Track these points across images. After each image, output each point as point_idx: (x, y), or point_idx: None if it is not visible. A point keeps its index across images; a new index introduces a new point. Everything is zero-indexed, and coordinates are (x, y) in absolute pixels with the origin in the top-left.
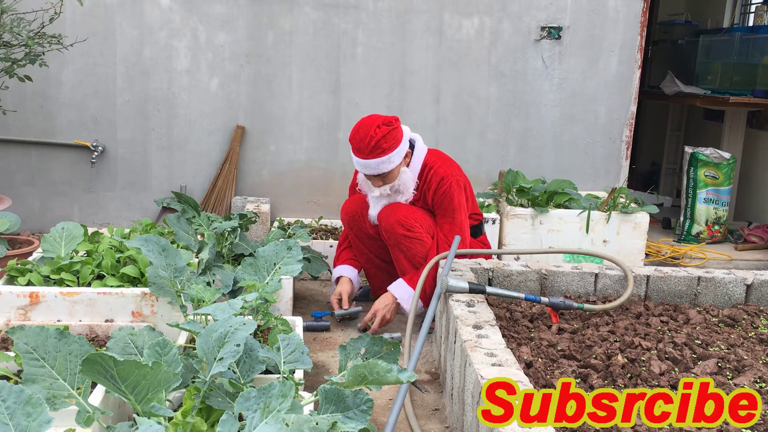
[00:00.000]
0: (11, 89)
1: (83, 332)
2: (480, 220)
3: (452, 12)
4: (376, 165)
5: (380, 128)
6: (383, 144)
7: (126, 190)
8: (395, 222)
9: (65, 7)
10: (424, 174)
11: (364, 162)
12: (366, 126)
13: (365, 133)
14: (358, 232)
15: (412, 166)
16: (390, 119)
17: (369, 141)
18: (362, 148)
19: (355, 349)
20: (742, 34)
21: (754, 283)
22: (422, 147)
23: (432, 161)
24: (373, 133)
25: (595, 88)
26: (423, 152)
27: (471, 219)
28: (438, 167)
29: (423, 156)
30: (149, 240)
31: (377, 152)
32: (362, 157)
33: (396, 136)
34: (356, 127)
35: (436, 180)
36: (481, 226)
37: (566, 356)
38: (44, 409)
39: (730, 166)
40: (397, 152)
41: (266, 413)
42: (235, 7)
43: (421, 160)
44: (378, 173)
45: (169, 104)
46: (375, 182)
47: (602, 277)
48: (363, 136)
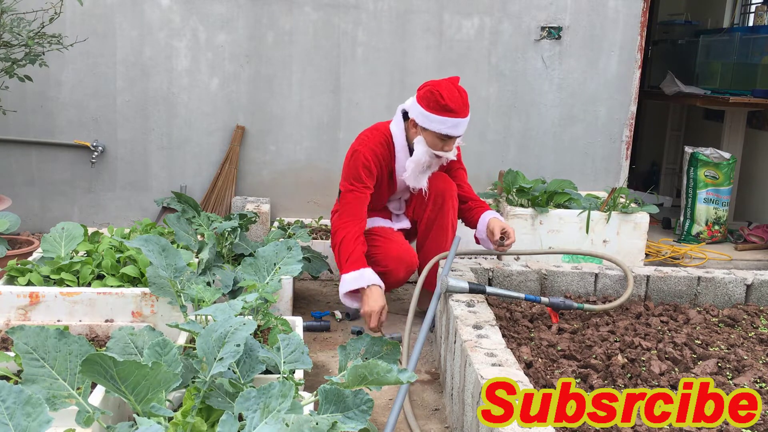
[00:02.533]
0: (11, 89)
1: (83, 332)
2: None
3: (452, 12)
4: (467, 122)
5: (462, 87)
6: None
7: (126, 190)
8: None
9: (65, 7)
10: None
11: (464, 121)
12: (452, 87)
13: (458, 93)
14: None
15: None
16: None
17: (465, 97)
18: (461, 107)
19: (355, 349)
20: (742, 34)
21: (754, 283)
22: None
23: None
24: (463, 93)
25: (595, 88)
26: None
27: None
28: None
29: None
30: (149, 240)
31: (468, 109)
32: (463, 116)
33: None
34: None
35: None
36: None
37: (566, 356)
38: (44, 409)
39: (730, 166)
40: None
41: (266, 413)
42: (235, 7)
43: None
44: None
45: (169, 104)
46: (450, 146)
47: (602, 277)
48: (459, 95)
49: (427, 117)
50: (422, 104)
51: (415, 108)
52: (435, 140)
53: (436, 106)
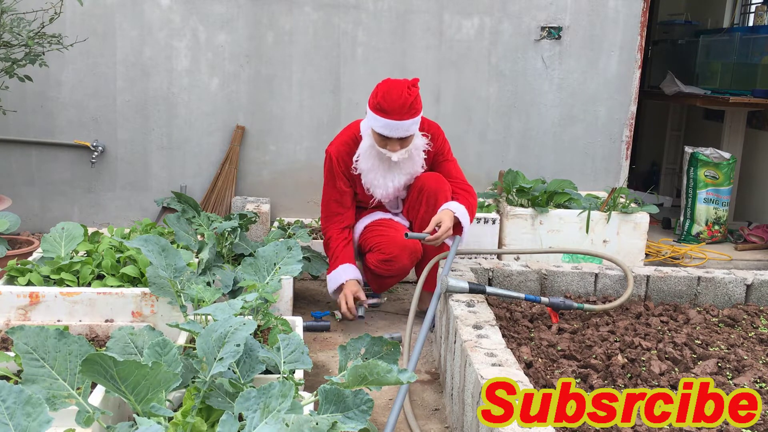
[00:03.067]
0: (11, 89)
1: (83, 332)
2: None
3: (452, 12)
4: (409, 126)
5: (411, 89)
6: (416, 105)
7: (126, 190)
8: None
9: (65, 7)
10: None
11: (398, 124)
12: (397, 88)
13: (399, 94)
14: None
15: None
16: (415, 81)
17: (404, 102)
18: (397, 109)
19: (355, 349)
20: (742, 34)
21: (754, 283)
22: None
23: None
24: (408, 94)
25: (595, 88)
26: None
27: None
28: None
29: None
30: (149, 240)
31: (412, 113)
32: (397, 119)
33: (420, 98)
34: (386, 89)
35: (434, 130)
36: None
37: (566, 356)
38: (44, 409)
39: (730, 166)
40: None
41: (266, 413)
42: (235, 7)
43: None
44: (407, 135)
45: (169, 104)
46: (393, 146)
47: (602, 277)
48: (398, 96)
49: (368, 112)
50: (369, 98)
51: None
52: (377, 137)
53: (373, 103)
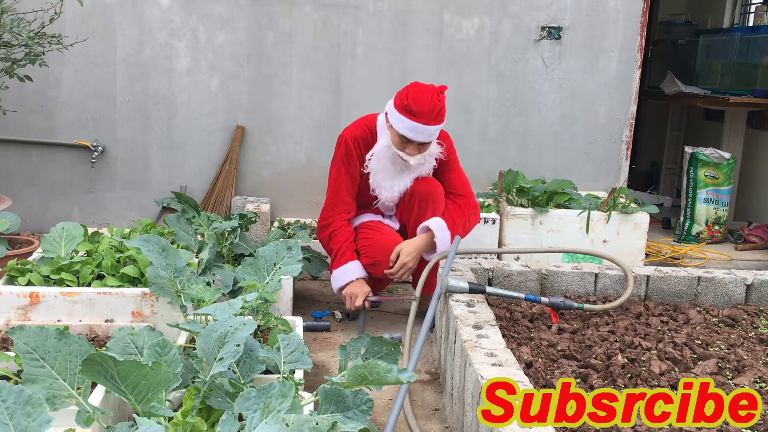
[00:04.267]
0: (11, 89)
1: (83, 332)
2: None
3: (452, 12)
4: (434, 131)
5: (440, 96)
6: (443, 112)
7: (126, 190)
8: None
9: (65, 7)
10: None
11: (424, 128)
12: (428, 92)
13: (429, 99)
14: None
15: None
16: (443, 88)
17: (433, 107)
18: (426, 113)
19: (355, 349)
20: (742, 34)
21: (754, 283)
22: None
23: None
24: (437, 100)
25: (595, 88)
26: None
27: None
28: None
29: None
30: (149, 240)
31: (439, 119)
32: (425, 123)
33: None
34: (416, 93)
35: (445, 138)
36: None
37: (566, 356)
38: (44, 409)
39: (730, 166)
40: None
41: (266, 413)
42: (235, 7)
43: None
44: (429, 140)
45: (169, 104)
46: (413, 150)
47: (602, 277)
48: (429, 101)
49: (393, 112)
50: (395, 99)
51: (391, 101)
52: (397, 139)
53: (401, 104)
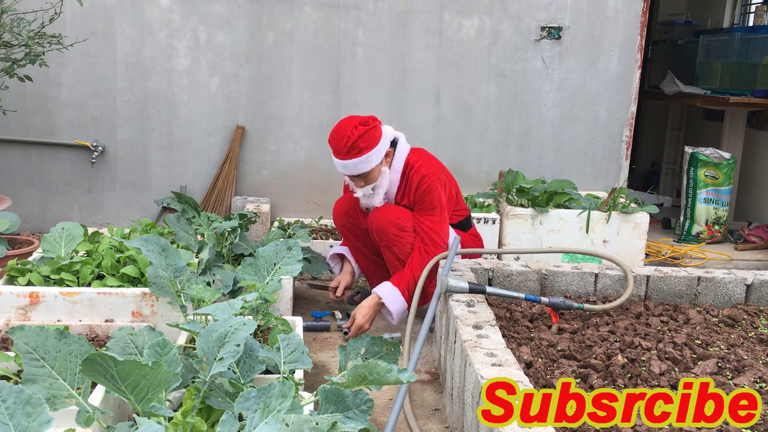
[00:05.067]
0: (11, 89)
1: (83, 332)
2: (466, 215)
3: (452, 12)
4: (354, 165)
5: (357, 128)
6: (360, 144)
7: (126, 190)
8: (387, 222)
9: (65, 7)
10: (406, 173)
11: (342, 163)
12: (344, 127)
13: (342, 134)
14: (352, 228)
15: (395, 166)
16: (367, 119)
17: (346, 141)
18: (339, 148)
19: (355, 349)
20: (742, 34)
21: (754, 283)
22: (405, 146)
23: (414, 160)
24: (350, 134)
25: (595, 88)
26: (405, 151)
27: (456, 215)
28: (419, 166)
29: (405, 155)
30: (149, 240)
31: (354, 152)
32: (340, 158)
33: (374, 135)
34: (335, 128)
35: (417, 178)
36: (468, 219)
37: (566, 356)
38: (44, 409)
39: (730, 166)
40: (375, 152)
41: (266, 413)
42: (235, 7)
43: (403, 159)
44: (357, 173)
45: (169, 104)
46: (357, 183)
47: (602, 277)
48: (340, 136)
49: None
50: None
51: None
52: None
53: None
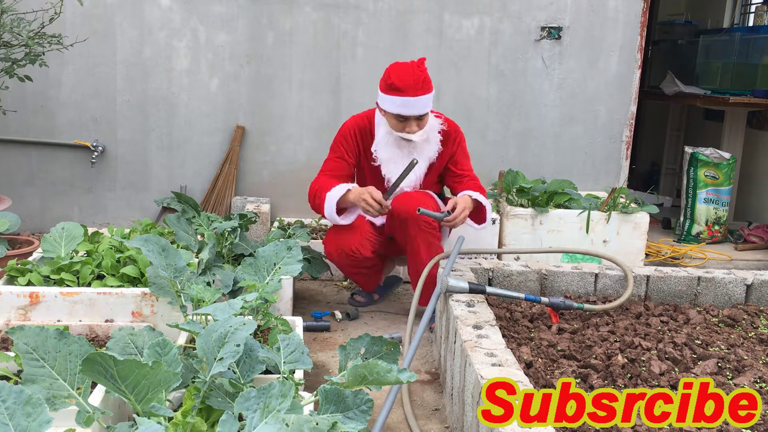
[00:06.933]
0: (11, 89)
1: (83, 332)
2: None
3: (452, 12)
4: (426, 102)
5: (420, 66)
6: (429, 81)
7: (126, 190)
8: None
9: (65, 7)
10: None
11: (414, 100)
12: (407, 66)
13: (411, 72)
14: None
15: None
16: (422, 60)
17: (417, 77)
18: (411, 85)
19: (355, 349)
20: (742, 34)
21: (754, 283)
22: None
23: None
24: (419, 70)
25: (595, 88)
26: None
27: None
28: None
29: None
30: (149, 240)
31: (426, 88)
32: (412, 95)
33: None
34: (394, 69)
35: (454, 128)
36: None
37: (566, 356)
38: (44, 409)
39: (730, 166)
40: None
41: (266, 413)
42: (235, 7)
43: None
44: (423, 113)
45: (169, 104)
46: (411, 127)
47: (602, 277)
48: (411, 73)
49: (382, 97)
50: (380, 85)
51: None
52: (393, 121)
53: (386, 85)
